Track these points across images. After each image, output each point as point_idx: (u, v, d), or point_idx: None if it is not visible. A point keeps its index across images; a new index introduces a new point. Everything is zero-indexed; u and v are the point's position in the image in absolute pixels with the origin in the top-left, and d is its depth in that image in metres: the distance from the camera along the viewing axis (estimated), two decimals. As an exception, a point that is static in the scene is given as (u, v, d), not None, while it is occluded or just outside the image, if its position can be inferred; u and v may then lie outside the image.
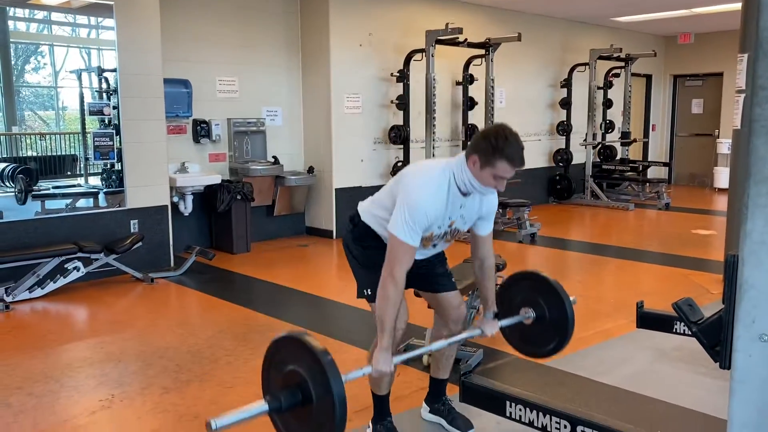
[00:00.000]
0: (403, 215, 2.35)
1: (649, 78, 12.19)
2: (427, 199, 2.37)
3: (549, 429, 1.99)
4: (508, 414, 2.14)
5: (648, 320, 3.17)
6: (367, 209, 2.66)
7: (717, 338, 1.80)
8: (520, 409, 2.08)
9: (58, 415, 3.14)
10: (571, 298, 2.83)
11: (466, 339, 2.64)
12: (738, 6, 4.77)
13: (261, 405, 2.10)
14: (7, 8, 6.10)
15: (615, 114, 10.69)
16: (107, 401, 3.27)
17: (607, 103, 10.54)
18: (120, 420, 3.10)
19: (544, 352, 2.68)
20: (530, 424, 2.06)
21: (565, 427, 1.95)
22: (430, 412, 2.98)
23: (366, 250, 2.63)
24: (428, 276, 2.73)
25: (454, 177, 2.42)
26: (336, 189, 7.34)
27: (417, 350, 2.57)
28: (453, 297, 2.77)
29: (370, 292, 2.56)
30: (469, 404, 2.37)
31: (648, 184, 10.31)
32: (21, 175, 6.00)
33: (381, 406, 2.76)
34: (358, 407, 3.08)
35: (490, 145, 2.32)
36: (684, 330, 2.98)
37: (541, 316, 2.83)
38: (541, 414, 2.02)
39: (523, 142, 2.38)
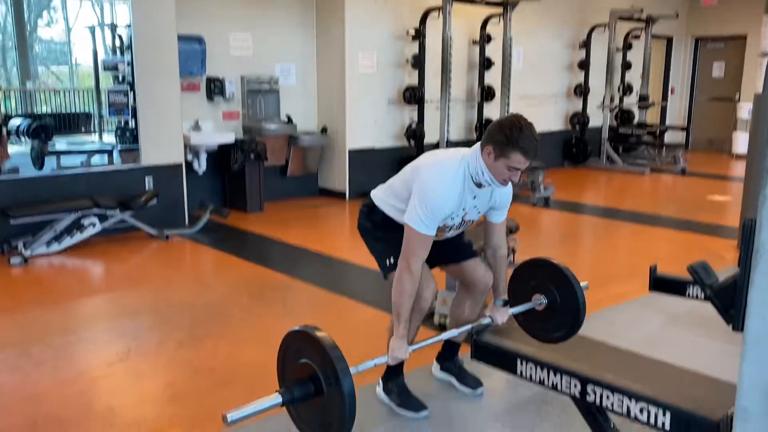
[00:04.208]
0: (419, 209, 2.40)
1: (669, 40, 11.93)
2: (443, 193, 2.41)
3: (559, 387, 2.01)
4: (518, 372, 2.16)
5: (661, 284, 3.17)
6: (382, 198, 2.69)
7: (731, 301, 1.80)
8: (531, 368, 2.10)
9: (77, 366, 3.22)
10: (583, 284, 2.89)
11: (476, 328, 2.67)
12: (765, -35, 4.63)
13: (275, 398, 2.19)
14: (20, -38, 6.03)
15: (634, 76, 10.51)
16: (124, 354, 3.34)
17: (626, 66, 10.35)
18: (136, 372, 3.17)
19: (555, 338, 2.71)
20: (540, 382, 2.08)
21: (576, 386, 1.97)
22: (441, 369, 3.02)
23: (388, 231, 2.64)
24: (449, 248, 2.75)
25: (469, 168, 2.44)
26: (349, 150, 7.31)
27: (433, 338, 2.62)
28: (478, 264, 2.78)
29: (392, 260, 2.58)
30: (480, 362, 2.40)
31: (665, 148, 10.19)
32: (36, 140, 6.00)
33: (397, 367, 2.78)
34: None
35: (505, 136, 2.33)
36: (696, 294, 2.98)
37: (553, 303, 2.89)
38: (551, 372, 2.04)
39: (536, 133, 2.38)
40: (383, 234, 2.68)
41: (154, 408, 2.83)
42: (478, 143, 2.44)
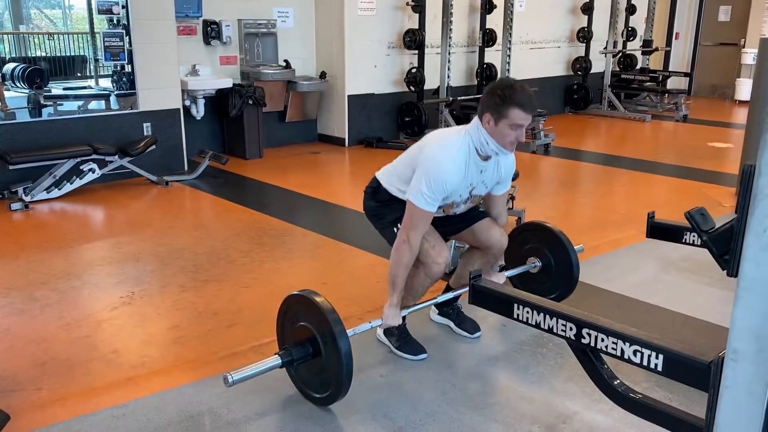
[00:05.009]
0: (423, 185, 2.41)
1: (676, -17, 11.66)
2: (447, 169, 2.42)
3: (555, 330, 2.05)
4: (515, 316, 2.20)
5: (658, 230, 3.19)
6: (387, 180, 2.69)
7: (727, 247, 1.82)
8: (528, 312, 2.14)
9: (82, 310, 3.27)
10: (578, 248, 2.96)
11: (473, 273, 2.70)
12: None
13: (274, 360, 2.28)
14: None
15: (638, 21, 10.32)
16: (128, 297, 3.39)
17: (630, 9, 10.14)
18: (141, 315, 3.23)
19: (550, 299, 2.77)
20: (536, 325, 2.12)
21: (571, 329, 2.00)
22: (438, 314, 3.08)
23: (394, 209, 2.65)
24: (459, 220, 2.76)
25: (473, 141, 2.45)
26: (348, 96, 7.23)
27: (422, 303, 2.73)
28: (492, 226, 2.77)
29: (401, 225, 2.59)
30: (477, 306, 2.45)
31: (667, 94, 10.08)
32: (32, 89, 5.89)
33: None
34: (369, 308, 3.19)
35: (499, 97, 2.34)
36: (693, 240, 3.00)
37: (548, 266, 2.99)
38: (547, 316, 2.07)
39: (530, 89, 2.39)
40: (389, 210, 2.70)
41: (159, 350, 2.90)
42: (476, 118, 2.44)
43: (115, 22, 5.96)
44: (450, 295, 2.84)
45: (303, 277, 3.71)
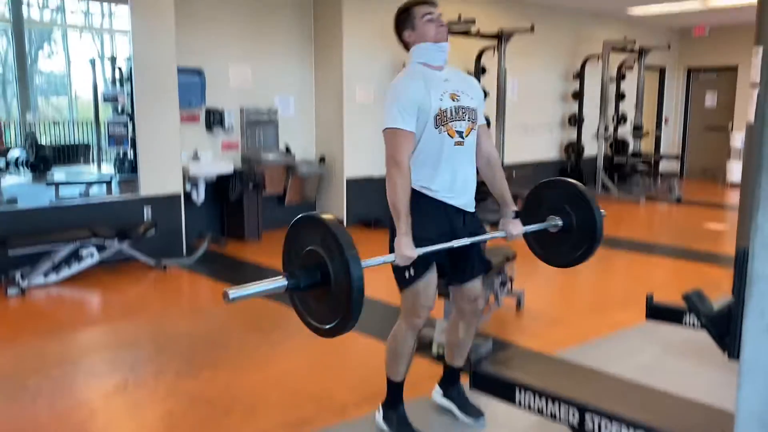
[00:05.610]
0: (391, 107, 2.49)
1: (662, 70, 12.10)
2: (407, 84, 2.52)
3: (558, 416, 2.01)
4: (517, 402, 2.17)
5: (658, 312, 3.18)
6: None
7: (726, 329, 1.82)
8: (530, 397, 2.11)
9: (75, 398, 3.20)
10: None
11: (489, 240, 2.63)
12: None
13: (280, 281, 2.09)
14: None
15: (628, 106, 10.63)
16: (122, 385, 3.33)
17: (620, 96, 10.48)
18: (134, 403, 3.15)
19: (568, 262, 2.69)
20: (539, 411, 2.08)
21: (574, 415, 1.97)
22: (444, 396, 3.02)
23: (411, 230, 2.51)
24: (460, 262, 2.68)
25: (415, 60, 2.59)
26: (347, 179, 7.36)
27: (439, 245, 2.46)
28: (474, 288, 2.75)
29: (413, 272, 2.52)
30: (479, 391, 2.40)
31: (660, 177, 10.26)
32: (36, 175, 6.00)
33: (395, 392, 2.79)
34: (368, 394, 3.12)
35: (402, 11, 2.58)
36: (693, 322, 2.99)
37: (569, 225, 2.75)
38: (550, 402, 2.04)
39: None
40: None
41: (152, 439, 2.82)
42: (401, 79, 2.57)
43: (119, 110, 6.15)
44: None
45: (300, 361, 3.66)
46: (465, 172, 2.58)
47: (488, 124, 2.73)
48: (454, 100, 2.54)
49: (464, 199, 2.60)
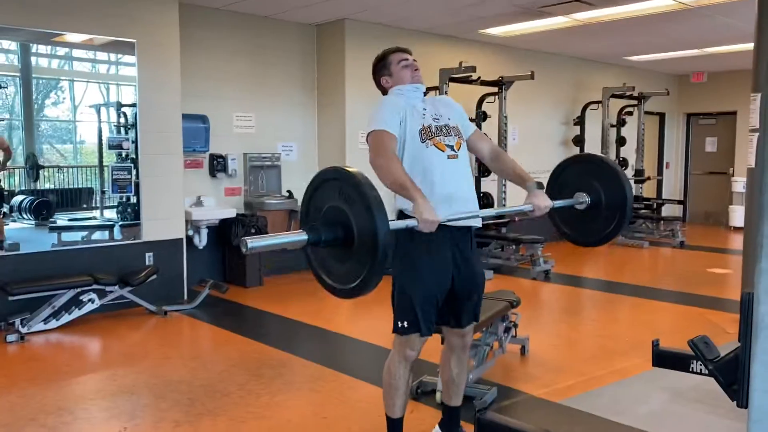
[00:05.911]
0: (375, 115, 2.56)
1: (662, 116, 12.22)
2: (387, 99, 2.69)
3: (564, 468, 1.96)
4: (522, 452, 2.12)
5: (664, 359, 3.13)
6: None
7: (734, 376, 1.79)
8: (535, 447, 2.06)
9: (70, 448, 3.14)
10: None
11: (517, 213, 2.67)
12: (750, 46, 4.81)
13: (300, 234, 2.02)
14: (31, 44, 6.28)
15: (628, 152, 10.70)
16: (119, 434, 3.26)
17: (621, 141, 10.56)
18: (131, 453, 3.09)
19: (600, 238, 2.64)
20: (545, 463, 2.03)
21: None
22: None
23: (396, 255, 2.55)
24: (456, 306, 2.69)
25: (396, 92, 2.72)
26: (349, 224, 7.36)
27: (461, 214, 2.45)
28: (465, 329, 2.80)
29: (406, 325, 2.57)
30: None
31: (662, 222, 10.26)
32: (38, 221, 6.01)
33: (394, 431, 2.76)
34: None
35: (377, 62, 2.78)
36: (700, 369, 2.94)
37: (597, 202, 2.66)
38: (556, 452, 1.99)
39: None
40: (398, 261, 2.59)
41: (148, 491, 2.75)
42: (383, 97, 2.73)
43: (123, 156, 6.19)
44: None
45: (301, 410, 3.59)
46: (463, 185, 2.66)
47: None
48: (437, 119, 2.66)
49: (466, 209, 2.60)
